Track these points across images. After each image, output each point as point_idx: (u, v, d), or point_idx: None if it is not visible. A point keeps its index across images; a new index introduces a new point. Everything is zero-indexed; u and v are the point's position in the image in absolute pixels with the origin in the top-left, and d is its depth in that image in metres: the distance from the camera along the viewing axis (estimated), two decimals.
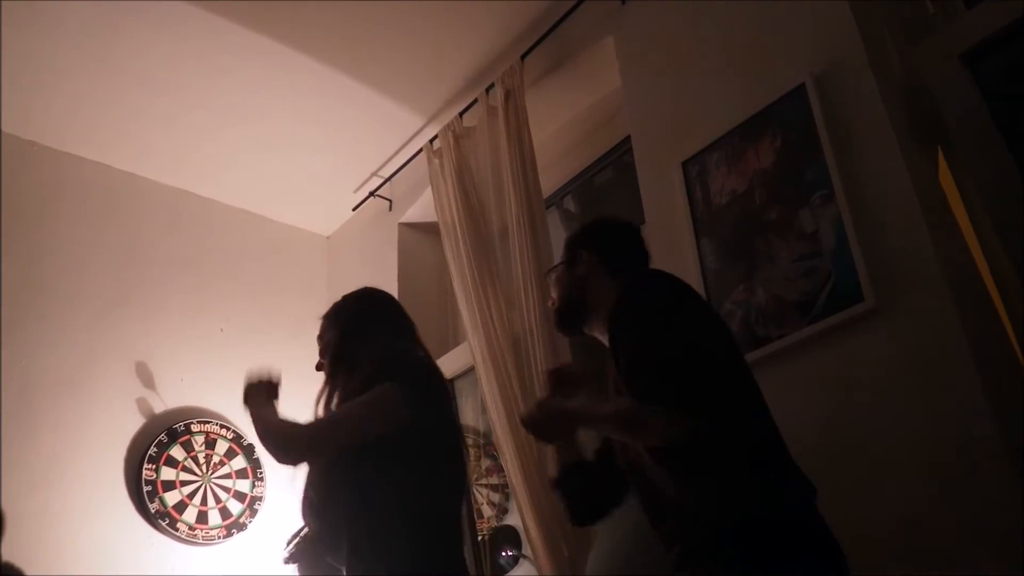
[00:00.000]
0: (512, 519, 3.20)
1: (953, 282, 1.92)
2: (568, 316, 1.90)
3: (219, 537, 3.41)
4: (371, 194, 3.97)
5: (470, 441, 3.50)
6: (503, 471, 2.95)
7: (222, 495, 3.49)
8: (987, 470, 1.74)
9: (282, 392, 2.20)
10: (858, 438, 1.97)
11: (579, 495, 1.86)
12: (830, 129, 2.21)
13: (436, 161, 3.48)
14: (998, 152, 2.09)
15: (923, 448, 1.86)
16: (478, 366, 3.02)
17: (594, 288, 1.85)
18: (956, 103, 2.19)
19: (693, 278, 2.39)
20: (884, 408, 1.95)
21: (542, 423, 1.68)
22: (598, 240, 1.93)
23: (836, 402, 2.05)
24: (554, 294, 1.95)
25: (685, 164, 2.57)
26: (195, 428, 3.52)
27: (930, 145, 2.20)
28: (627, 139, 2.88)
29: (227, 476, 3.53)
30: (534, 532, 2.69)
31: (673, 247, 2.51)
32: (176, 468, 3.41)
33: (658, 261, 2.53)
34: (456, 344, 3.62)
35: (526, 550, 2.90)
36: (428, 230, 3.88)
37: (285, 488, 3.52)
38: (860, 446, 1.97)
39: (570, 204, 3.65)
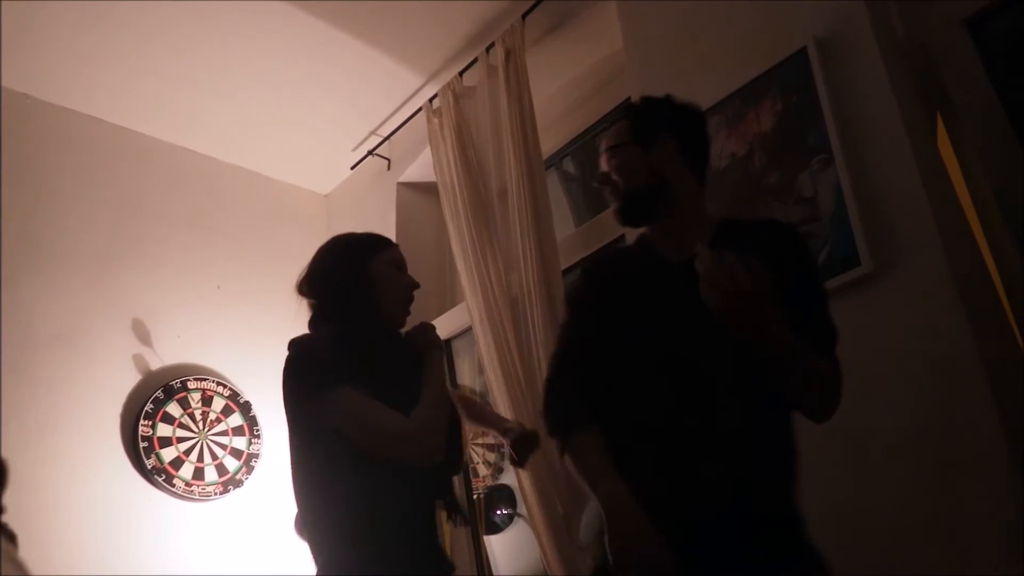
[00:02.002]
0: (507, 478, 3.24)
1: (950, 248, 1.93)
2: (642, 205, 1.66)
3: (215, 493, 3.43)
4: (369, 153, 3.95)
5: None
6: None
7: (219, 452, 3.51)
8: (982, 438, 1.76)
9: (280, 354, 2.09)
10: (851, 407, 1.98)
11: None
12: (831, 94, 2.20)
13: (435, 120, 3.46)
14: (998, 119, 2.09)
15: (916, 416, 1.88)
16: (475, 327, 3.03)
17: (677, 180, 1.65)
18: (957, 69, 2.18)
19: None
20: (878, 372, 1.96)
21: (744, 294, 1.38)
22: (682, 127, 1.71)
23: None
24: (617, 177, 1.67)
25: None
26: (192, 385, 3.53)
27: (930, 111, 2.20)
28: (627, 100, 2.86)
29: (224, 433, 3.55)
30: (529, 491, 2.72)
31: None
32: (173, 425, 3.42)
33: None
34: (454, 304, 3.64)
35: (521, 509, 2.94)
36: (427, 190, 3.88)
37: (282, 446, 3.55)
38: (854, 417, 1.98)
39: (569, 166, 3.64)
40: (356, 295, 1.91)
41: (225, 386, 3.63)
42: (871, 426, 1.94)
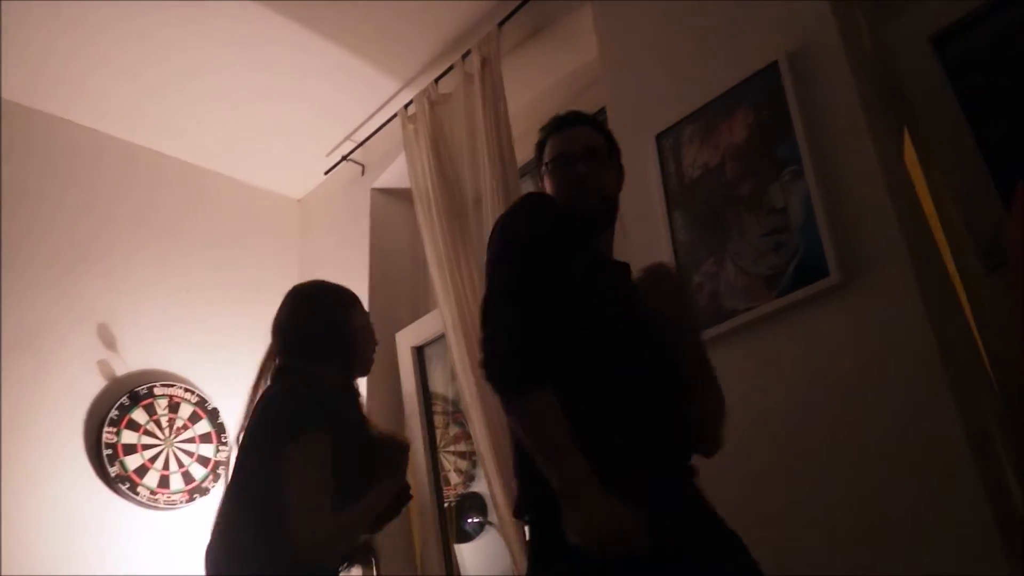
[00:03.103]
0: (479, 486, 3.23)
1: (916, 259, 1.97)
2: (611, 213, 1.73)
3: (181, 502, 3.38)
4: (344, 158, 3.94)
5: (438, 408, 3.51)
6: (471, 438, 2.97)
7: (185, 459, 3.46)
8: (945, 444, 1.79)
9: (249, 361, 2.12)
10: (820, 413, 2.02)
11: None
12: (802, 106, 2.24)
13: (411, 127, 3.46)
14: (963, 134, 2.14)
15: (882, 421, 1.91)
16: (448, 333, 3.03)
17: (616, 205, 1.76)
18: (924, 84, 2.23)
19: (664, 250, 2.43)
20: (844, 382, 1.99)
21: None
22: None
23: (799, 375, 2.09)
24: (594, 181, 1.70)
25: (659, 136, 2.58)
26: (158, 391, 3.48)
27: (898, 125, 2.25)
28: (602, 110, 2.88)
29: (190, 440, 3.51)
30: (500, 499, 2.72)
31: (645, 219, 2.53)
32: (138, 432, 3.37)
33: (630, 232, 2.58)
34: (427, 311, 3.63)
35: (492, 517, 2.93)
36: (401, 196, 3.87)
37: None
38: (822, 421, 2.01)
39: None
40: (338, 344, 2.01)
41: (193, 392, 3.58)
42: (836, 431, 1.97)
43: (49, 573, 2.96)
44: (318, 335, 2.01)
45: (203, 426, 3.57)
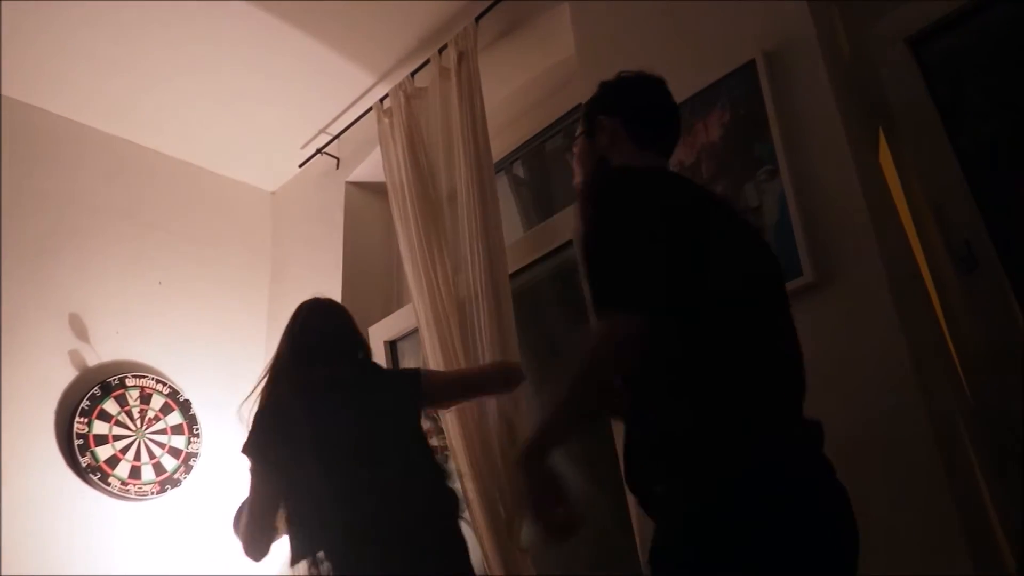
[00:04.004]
0: (451, 482, 3.22)
1: (888, 261, 1.97)
2: None
3: (152, 493, 3.36)
4: (318, 151, 3.91)
5: None
6: (443, 434, 2.97)
7: (156, 451, 3.43)
8: (913, 447, 1.80)
9: (222, 352, 2.22)
10: None
11: None
12: (778, 106, 2.24)
13: (386, 121, 3.44)
14: (938, 135, 2.16)
15: (850, 422, 1.91)
16: (422, 329, 3.02)
17: (620, 157, 1.62)
18: (900, 86, 2.24)
19: None
20: (816, 379, 1.99)
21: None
22: (625, 102, 1.70)
23: None
24: (576, 169, 1.69)
25: None
26: (130, 382, 3.45)
27: (873, 125, 2.26)
28: (579, 107, 2.88)
29: (162, 432, 3.48)
30: (472, 495, 2.71)
31: None
32: (109, 422, 3.34)
33: None
34: (400, 306, 3.62)
35: (464, 512, 2.93)
36: (376, 190, 3.85)
37: (221, 446, 3.50)
38: None
39: (519, 170, 3.65)
40: None
41: (165, 384, 3.55)
42: None
43: (19, 561, 2.94)
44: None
45: (175, 418, 3.54)
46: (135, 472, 3.34)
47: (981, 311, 2.02)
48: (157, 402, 3.51)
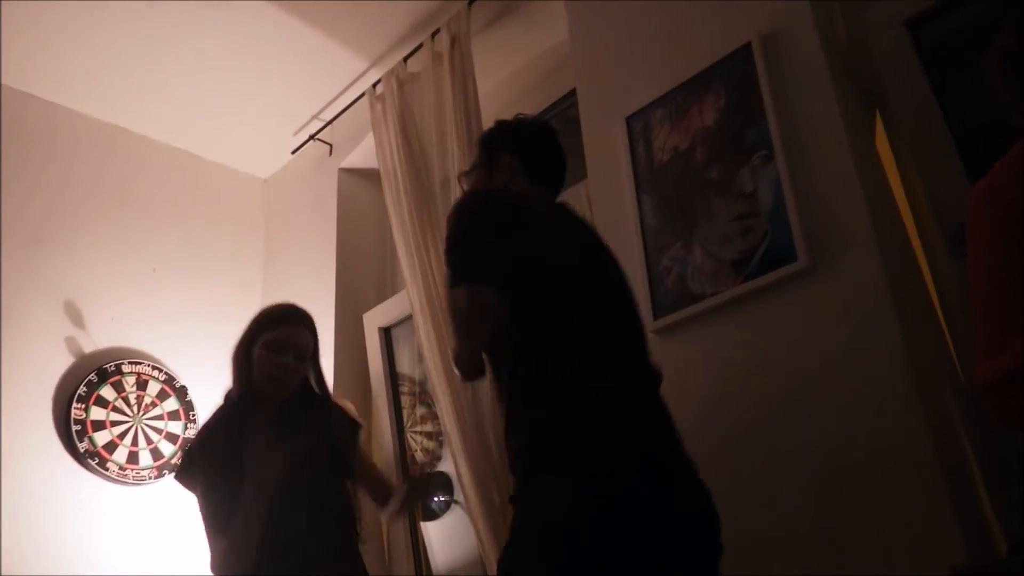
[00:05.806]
0: (445, 465, 3.23)
1: (883, 244, 1.97)
2: None
3: (150, 478, 3.39)
4: (311, 137, 3.90)
5: (405, 389, 3.51)
6: (437, 419, 2.98)
7: (153, 436, 3.46)
8: (905, 435, 1.80)
9: (216, 339, 2.21)
10: (781, 399, 2.02)
11: None
12: (773, 90, 2.22)
13: (379, 107, 3.42)
14: (935, 119, 2.14)
15: (843, 410, 1.92)
16: (416, 314, 3.02)
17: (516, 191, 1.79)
18: (897, 70, 2.22)
19: (632, 234, 2.42)
20: (809, 364, 2.00)
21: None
22: (524, 143, 1.87)
23: (762, 361, 2.09)
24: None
25: (629, 119, 2.56)
26: (126, 369, 3.47)
27: (869, 109, 2.24)
28: (572, 92, 2.87)
29: (159, 417, 3.50)
30: (466, 478, 2.72)
31: (614, 202, 2.53)
32: (106, 408, 3.37)
33: (599, 217, 2.57)
34: (394, 292, 3.61)
35: (458, 496, 2.94)
36: (369, 176, 3.84)
37: None
38: (783, 407, 2.02)
39: None
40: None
41: (161, 370, 3.57)
42: (797, 418, 1.97)
43: (19, 545, 2.97)
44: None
45: (171, 404, 3.56)
46: (133, 457, 3.37)
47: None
48: (153, 388, 3.53)
